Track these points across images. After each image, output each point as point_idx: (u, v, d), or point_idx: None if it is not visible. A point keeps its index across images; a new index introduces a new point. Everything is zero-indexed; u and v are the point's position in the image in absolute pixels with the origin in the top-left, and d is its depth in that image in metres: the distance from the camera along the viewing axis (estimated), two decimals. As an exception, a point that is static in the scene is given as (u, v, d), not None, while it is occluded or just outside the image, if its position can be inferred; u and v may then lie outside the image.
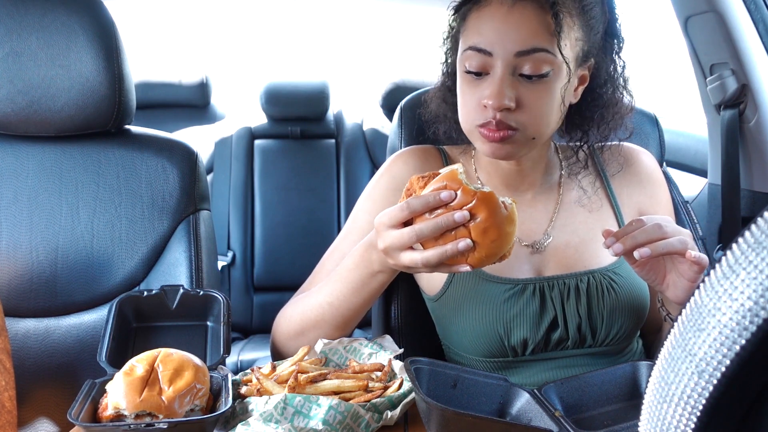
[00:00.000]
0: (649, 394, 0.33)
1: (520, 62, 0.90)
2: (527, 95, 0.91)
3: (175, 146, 1.26)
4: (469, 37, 0.94)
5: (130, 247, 1.22)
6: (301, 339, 1.01)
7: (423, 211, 0.79)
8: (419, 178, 0.83)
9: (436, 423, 0.74)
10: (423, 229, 0.79)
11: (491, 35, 0.91)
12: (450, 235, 0.79)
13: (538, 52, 0.89)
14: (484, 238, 0.78)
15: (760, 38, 1.35)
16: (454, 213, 0.77)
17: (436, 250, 0.79)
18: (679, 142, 1.84)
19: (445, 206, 0.78)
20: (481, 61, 0.92)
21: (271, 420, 0.76)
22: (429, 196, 0.79)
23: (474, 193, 0.78)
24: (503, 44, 0.90)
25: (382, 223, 0.83)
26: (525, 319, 0.96)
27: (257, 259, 2.41)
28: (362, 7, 3.03)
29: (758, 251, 0.27)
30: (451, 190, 0.78)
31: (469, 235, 0.78)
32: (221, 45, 3.41)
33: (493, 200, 0.78)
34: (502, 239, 0.79)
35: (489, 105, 0.90)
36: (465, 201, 0.78)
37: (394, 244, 0.81)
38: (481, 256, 0.79)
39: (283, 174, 2.45)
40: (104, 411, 0.80)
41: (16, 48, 1.17)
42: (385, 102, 2.52)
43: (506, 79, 0.90)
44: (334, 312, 0.97)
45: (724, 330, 0.28)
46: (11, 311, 1.18)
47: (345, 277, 0.96)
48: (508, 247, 0.80)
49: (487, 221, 0.77)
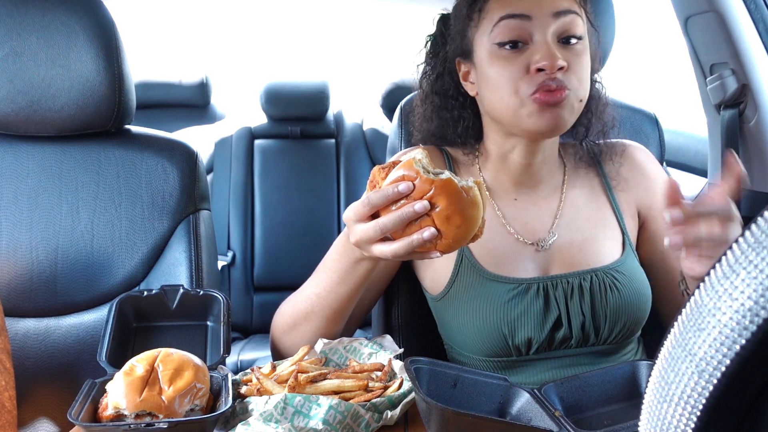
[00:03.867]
0: (649, 393, 0.33)
1: (558, 26, 0.92)
2: (570, 57, 0.93)
3: (175, 146, 1.26)
4: (496, 12, 0.94)
5: (130, 247, 1.22)
6: (293, 333, 1.01)
7: (384, 205, 0.80)
8: (380, 169, 0.83)
9: (436, 423, 0.74)
10: (386, 223, 0.79)
11: (524, 1, 0.92)
12: (415, 225, 0.79)
13: (572, 13, 0.93)
14: (448, 225, 0.78)
15: (760, 38, 1.35)
16: (414, 204, 0.77)
17: (403, 242, 0.79)
18: (679, 142, 1.84)
19: (406, 197, 0.78)
20: (519, 28, 0.92)
21: (271, 420, 0.76)
22: (387, 190, 0.79)
23: (432, 182, 0.77)
24: (539, 6, 0.92)
25: (349, 218, 0.83)
26: (529, 319, 0.96)
27: (257, 259, 2.42)
28: (362, 8, 3.03)
29: (758, 251, 0.27)
30: (409, 181, 0.78)
31: (433, 224, 0.78)
32: (221, 45, 3.41)
33: (451, 186, 0.77)
34: (466, 224, 0.78)
35: (545, 66, 0.90)
36: (424, 190, 0.77)
37: (363, 239, 0.82)
38: (448, 242, 0.79)
39: (283, 174, 2.45)
40: (104, 411, 0.80)
41: (16, 48, 1.17)
42: (385, 102, 2.52)
43: (553, 39, 0.92)
44: (323, 303, 0.97)
45: (724, 330, 0.28)
46: (11, 311, 1.18)
47: (330, 267, 0.96)
48: (475, 229, 0.80)
49: (448, 208, 0.77)
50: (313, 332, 0.99)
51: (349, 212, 0.83)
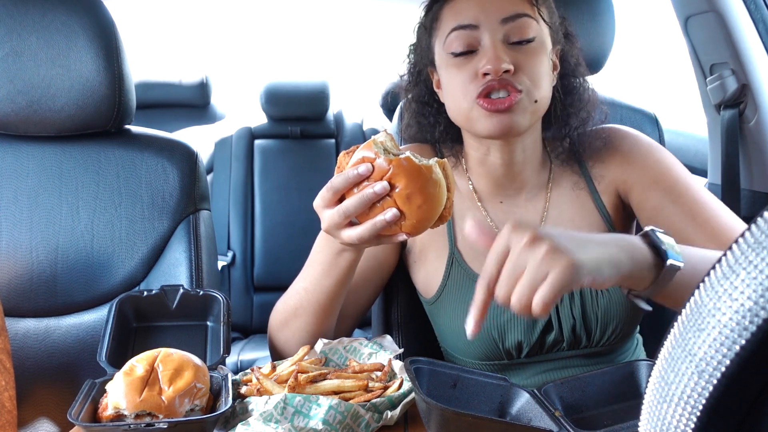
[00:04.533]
0: (649, 394, 0.33)
1: (507, 30, 0.92)
2: (521, 58, 0.92)
3: (175, 146, 1.26)
4: (447, 23, 0.96)
5: (130, 247, 1.22)
6: (285, 330, 1.01)
7: (347, 188, 0.79)
8: (345, 154, 0.83)
9: (436, 423, 0.74)
10: (349, 207, 0.79)
11: (472, 11, 0.93)
12: (378, 207, 0.78)
13: (522, 17, 0.93)
14: (410, 205, 0.77)
15: (760, 38, 1.35)
16: (374, 185, 0.77)
17: (367, 225, 0.79)
18: (679, 142, 1.84)
19: (367, 179, 0.78)
20: (468, 38, 0.93)
21: (271, 420, 0.76)
22: (348, 172, 0.78)
23: (390, 161, 0.77)
24: (486, 14, 0.92)
25: (318, 205, 0.83)
26: (518, 323, 0.96)
27: (257, 259, 2.42)
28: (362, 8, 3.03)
29: (758, 251, 0.27)
30: (368, 163, 0.78)
31: (395, 204, 0.77)
32: (221, 45, 3.41)
33: (410, 165, 0.77)
34: (428, 203, 0.77)
35: (488, 70, 0.90)
36: (383, 171, 0.77)
37: (331, 225, 0.81)
38: (412, 223, 0.78)
39: (283, 174, 2.45)
40: (104, 411, 0.80)
41: (16, 48, 1.17)
42: (385, 102, 2.52)
43: (498, 44, 0.92)
44: (310, 297, 0.97)
45: (724, 330, 0.28)
46: (11, 311, 1.18)
47: (315, 260, 0.97)
48: (439, 208, 0.79)
49: (407, 187, 0.76)
50: (303, 328, 0.99)
51: (317, 200, 0.83)
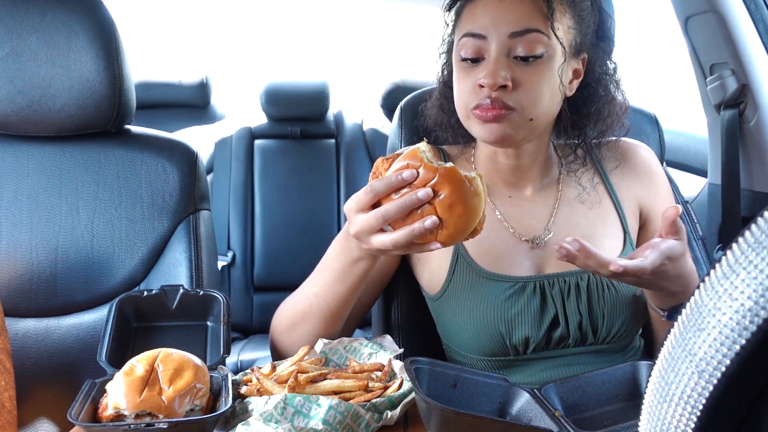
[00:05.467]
0: (649, 394, 0.33)
1: (515, 44, 0.92)
2: (523, 76, 0.92)
3: (175, 146, 1.26)
4: (463, 26, 0.96)
5: (130, 247, 1.22)
6: (292, 333, 1.01)
7: (387, 193, 0.79)
8: (384, 160, 0.83)
9: (436, 423, 0.74)
10: (388, 210, 0.78)
11: (485, 20, 0.93)
12: (417, 214, 0.78)
13: (532, 32, 0.91)
14: (450, 214, 0.77)
15: (760, 38, 1.35)
16: (417, 191, 0.77)
17: (404, 231, 0.78)
18: (679, 142, 1.84)
19: (409, 185, 0.78)
20: (476, 47, 0.94)
21: (271, 420, 0.76)
22: (391, 177, 0.79)
23: (436, 170, 0.77)
24: (497, 27, 0.92)
25: (350, 208, 0.83)
26: (526, 318, 0.96)
27: (257, 259, 2.42)
28: (363, 8, 3.03)
29: (758, 251, 0.27)
30: (413, 169, 0.78)
31: (435, 212, 0.78)
32: (221, 45, 3.41)
33: (455, 175, 0.77)
34: (468, 213, 0.78)
35: (485, 84, 0.91)
36: (428, 178, 0.77)
37: (364, 228, 0.81)
38: (449, 232, 0.79)
39: (283, 174, 2.45)
40: (104, 411, 0.80)
41: (16, 48, 1.17)
42: (385, 102, 2.52)
43: (501, 59, 0.92)
44: (320, 303, 0.97)
45: (724, 330, 0.28)
46: (11, 311, 1.18)
47: (328, 267, 0.96)
48: (476, 221, 0.80)
49: (451, 196, 0.77)
50: (311, 332, 0.99)
51: (350, 202, 0.83)
